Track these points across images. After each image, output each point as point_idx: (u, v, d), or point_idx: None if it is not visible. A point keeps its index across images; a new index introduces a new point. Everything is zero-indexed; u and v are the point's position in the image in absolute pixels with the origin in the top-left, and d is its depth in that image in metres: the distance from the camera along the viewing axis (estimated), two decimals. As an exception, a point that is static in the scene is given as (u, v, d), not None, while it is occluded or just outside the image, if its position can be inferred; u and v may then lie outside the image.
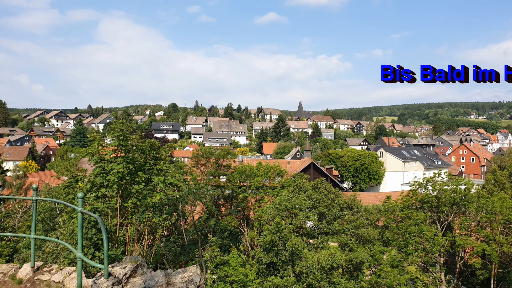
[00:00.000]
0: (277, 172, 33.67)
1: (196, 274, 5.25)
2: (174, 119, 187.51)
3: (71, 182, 14.34)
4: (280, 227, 18.67)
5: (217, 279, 17.27)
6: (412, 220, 22.78)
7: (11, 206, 32.58)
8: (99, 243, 9.14)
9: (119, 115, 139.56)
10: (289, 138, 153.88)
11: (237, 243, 23.43)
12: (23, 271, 6.35)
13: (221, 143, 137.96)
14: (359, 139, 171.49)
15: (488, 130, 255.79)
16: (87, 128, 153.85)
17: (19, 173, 51.19)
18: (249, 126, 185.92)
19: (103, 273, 5.01)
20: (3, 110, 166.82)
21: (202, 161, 32.64)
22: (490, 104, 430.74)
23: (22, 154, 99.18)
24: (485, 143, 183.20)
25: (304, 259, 18.56)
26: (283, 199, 22.06)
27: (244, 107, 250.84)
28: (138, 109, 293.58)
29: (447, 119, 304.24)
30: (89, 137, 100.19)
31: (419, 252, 21.64)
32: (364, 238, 21.97)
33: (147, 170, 10.65)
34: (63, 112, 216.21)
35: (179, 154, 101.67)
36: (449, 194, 23.91)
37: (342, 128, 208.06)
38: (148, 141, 11.36)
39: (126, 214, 9.74)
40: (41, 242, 14.61)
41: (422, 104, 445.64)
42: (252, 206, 30.32)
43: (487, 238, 21.47)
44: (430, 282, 21.51)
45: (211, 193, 25.82)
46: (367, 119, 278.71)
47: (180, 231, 12.70)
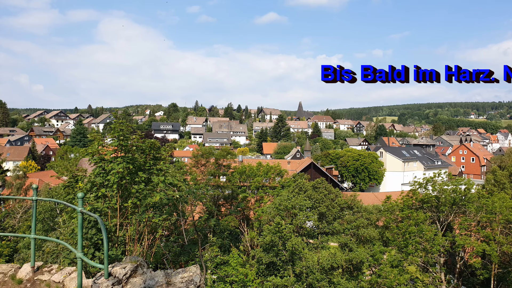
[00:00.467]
0: (277, 172, 33.67)
1: (196, 274, 5.25)
2: (174, 119, 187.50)
3: (71, 182, 14.34)
4: (280, 227, 18.67)
5: (217, 279, 17.27)
6: (412, 220, 22.78)
7: (11, 206, 32.57)
8: (99, 243, 9.14)
9: (119, 115, 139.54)
10: (289, 138, 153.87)
11: (237, 243, 23.43)
12: (23, 271, 6.34)
13: (221, 143, 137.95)
14: (359, 139, 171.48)
15: (488, 130, 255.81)
16: (87, 128, 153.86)
17: (19, 173, 51.19)
18: (249, 126, 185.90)
19: (103, 273, 5.01)
20: (3, 110, 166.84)
21: (202, 161, 32.64)
22: (490, 104, 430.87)
23: (22, 154, 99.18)
24: (485, 143, 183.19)
25: (304, 259, 18.56)
26: (283, 199, 22.06)
27: (244, 107, 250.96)
28: (138, 109, 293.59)
29: (447, 119, 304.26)
30: (89, 137, 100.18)
31: (419, 252, 21.64)
32: (364, 238, 21.97)
33: (147, 170, 10.65)
34: (63, 112, 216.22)
35: (179, 154, 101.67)
36: (449, 194, 23.91)
37: (342, 128, 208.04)
38: (148, 141, 11.36)
39: (126, 214, 9.73)
40: (41, 242, 14.61)
41: (422, 104, 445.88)
42: (252, 206, 30.32)
43: (487, 238, 21.47)
44: (430, 282, 21.50)
45: (211, 193, 25.82)
46: (367, 119, 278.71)
47: (180, 231, 12.70)
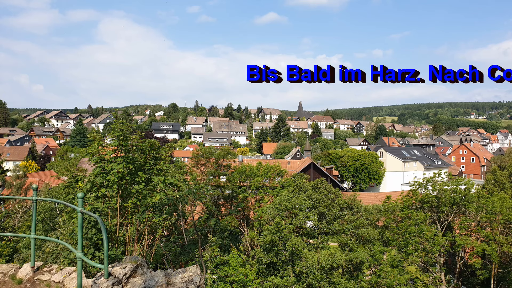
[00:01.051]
0: (277, 172, 33.67)
1: (196, 274, 5.25)
2: (174, 119, 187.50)
3: (71, 182, 14.33)
4: (280, 227, 18.67)
5: (217, 279, 17.27)
6: (412, 220, 22.78)
7: (11, 206, 32.57)
8: (99, 243, 9.14)
9: (119, 115, 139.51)
10: (289, 138, 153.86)
11: (237, 243, 23.42)
12: (23, 271, 6.34)
13: (221, 143, 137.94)
14: (359, 139, 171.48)
15: (488, 130, 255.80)
16: (87, 128, 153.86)
17: (19, 173, 51.20)
18: (249, 126, 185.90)
19: (103, 273, 5.01)
20: (3, 110, 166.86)
21: (202, 161, 32.64)
22: (490, 104, 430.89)
23: (22, 154, 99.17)
24: (485, 143, 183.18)
25: (304, 259, 18.56)
26: (283, 199, 22.06)
27: (244, 107, 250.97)
28: (138, 109, 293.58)
29: (447, 119, 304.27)
30: (89, 137, 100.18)
31: (419, 252, 21.64)
32: (364, 238, 21.97)
33: (147, 170, 10.65)
34: (63, 112, 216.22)
35: (179, 154, 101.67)
36: (449, 194, 23.90)
37: (342, 128, 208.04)
38: (148, 141, 11.36)
39: (126, 214, 9.73)
40: (41, 242, 14.60)
41: (422, 104, 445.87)
42: (252, 206, 30.32)
43: (487, 238, 21.46)
44: (430, 282, 21.50)
45: (211, 193, 25.82)
46: (367, 119, 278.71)
47: (180, 231, 12.70)
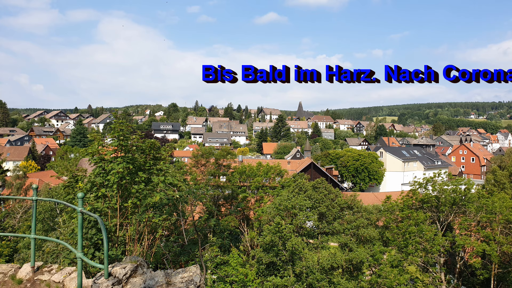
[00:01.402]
0: (277, 172, 33.67)
1: (196, 274, 5.25)
2: (174, 119, 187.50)
3: (71, 182, 14.32)
4: (280, 227, 18.66)
5: (217, 279, 17.27)
6: (412, 220, 22.78)
7: (11, 206, 32.57)
8: (99, 243, 9.14)
9: (119, 115, 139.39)
10: (289, 138, 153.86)
11: (237, 243, 23.43)
12: (23, 271, 6.34)
13: (221, 143, 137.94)
14: (359, 139, 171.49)
15: (488, 130, 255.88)
16: (87, 128, 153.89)
17: (19, 173, 51.24)
18: (249, 126, 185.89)
19: (103, 273, 5.01)
20: (3, 110, 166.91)
21: (202, 161, 32.64)
22: (490, 104, 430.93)
23: (22, 154, 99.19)
24: (485, 143, 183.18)
25: (304, 259, 18.56)
26: (283, 199, 22.06)
27: (244, 107, 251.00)
28: (138, 109, 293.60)
29: (447, 119, 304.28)
30: (89, 137, 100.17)
31: (419, 252, 21.64)
32: (364, 238, 21.96)
33: (147, 170, 10.64)
34: (63, 112, 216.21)
35: (179, 154, 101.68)
36: (449, 194, 23.91)
37: (342, 128, 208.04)
38: (148, 141, 11.34)
39: (126, 214, 9.73)
40: (41, 242, 14.60)
41: (422, 104, 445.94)
42: (252, 206, 30.33)
43: (487, 238, 21.47)
44: (430, 282, 21.50)
45: (211, 193, 25.83)
46: (367, 119, 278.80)
47: (180, 231, 12.69)
